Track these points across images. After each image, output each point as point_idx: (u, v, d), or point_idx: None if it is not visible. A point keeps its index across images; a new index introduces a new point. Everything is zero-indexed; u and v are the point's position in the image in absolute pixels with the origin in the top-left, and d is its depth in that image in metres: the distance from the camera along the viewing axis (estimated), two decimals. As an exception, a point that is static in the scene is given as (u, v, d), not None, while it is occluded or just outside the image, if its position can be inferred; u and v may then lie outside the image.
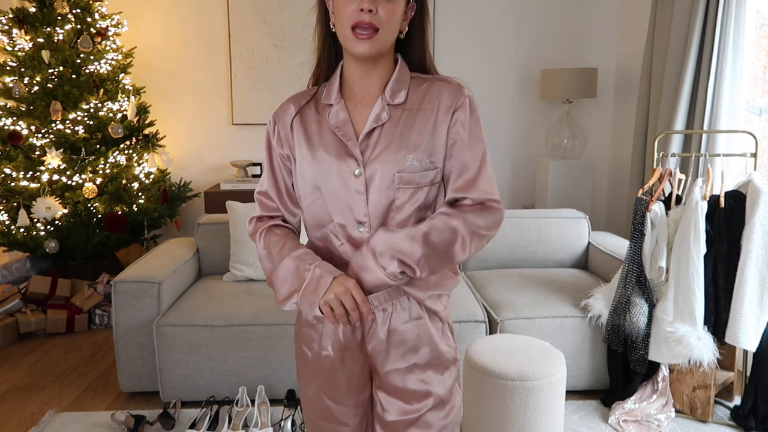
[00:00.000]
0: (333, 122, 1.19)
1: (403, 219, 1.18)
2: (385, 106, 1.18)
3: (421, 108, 1.18)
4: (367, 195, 1.17)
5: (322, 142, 1.19)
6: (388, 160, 1.15)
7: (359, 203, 1.17)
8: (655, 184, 2.57)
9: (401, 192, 1.16)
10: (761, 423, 2.38)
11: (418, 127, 1.17)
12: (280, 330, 2.56)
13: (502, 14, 4.30)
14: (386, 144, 1.16)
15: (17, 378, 2.93)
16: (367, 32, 1.11)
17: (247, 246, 2.96)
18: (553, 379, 2.07)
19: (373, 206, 1.17)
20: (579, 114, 4.37)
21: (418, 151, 1.16)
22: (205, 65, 4.30)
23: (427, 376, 1.25)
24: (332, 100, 1.21)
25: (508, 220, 3.24)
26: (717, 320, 2.43)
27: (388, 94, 1.19)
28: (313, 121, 1.21)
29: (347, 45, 1.16)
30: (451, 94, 1.18)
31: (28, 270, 3.85)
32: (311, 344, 1.28)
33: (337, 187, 1.17)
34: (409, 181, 1.16)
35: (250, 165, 4.22)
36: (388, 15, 1.11)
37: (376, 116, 1.18)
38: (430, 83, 1.21)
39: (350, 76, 1.22)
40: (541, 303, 2.68)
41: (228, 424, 2.39)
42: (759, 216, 2.31)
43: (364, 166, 1.16)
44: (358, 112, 1.20)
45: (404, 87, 1.20)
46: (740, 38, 2.89)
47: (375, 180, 1.16)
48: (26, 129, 3.64)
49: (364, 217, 1.18)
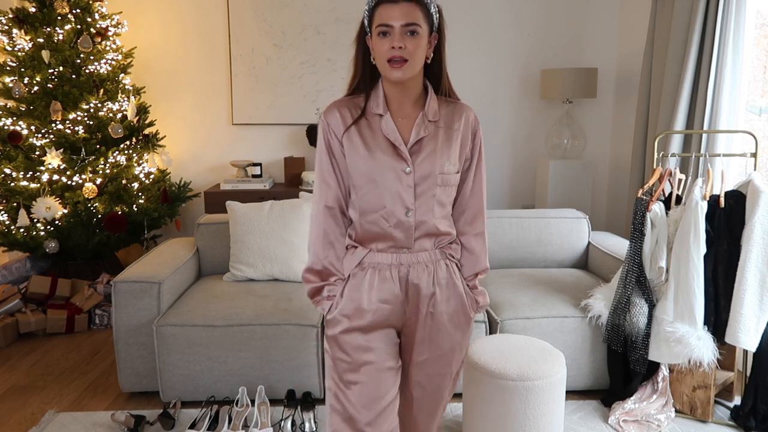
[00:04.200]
0: (385, 130, 1.51)
1: (439, 208, 1.53)
2: (425, 122, 1.52)
3: (452, 127, 1.54)
4: (414, 189, 1.49)
5: (378, 145, 1.50)
6: (434, 163, 1.50)
7: (409, 194, 1.49)
8: (655, 184, 2.57)
9: (440, 188, 1.51)
10: (761, 423, 2.38)
11: (452, 141, 1.53)
12: (280, 330, 2.56)
13: (502, 14, 4.30)
14: (430, 151, 1.50)
15: (17, 378, 2.93)
16: (398, 63, 1.44)
17: (247, 246, 2.96)
18: (553, 379, 2.07)
19: (418, 196, 1.50)
20: (579, 114, 4.37)
21: (452, 159, 1.52)
22: (205, 65, 4.31)
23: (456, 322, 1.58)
24: (381, 111, 1.52)
25: (508, 220, 3.25)
26: (717, 320, 2.43)
27: (429, 114, 1.53)
28: (366, 127, 1.52)
29: (385, 73, 1.48)
30: (471, 119, 1.58)
31: (28, 270, 3.85)
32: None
33: (391, 180, 1.49)
34: (445, 181, 1.52)
35: (250, 165, 4.21)
36: (413, 48, 1.43)
37: (420, 129, 1.51)
38: (455, 106, 1.58)
39: (388, 93, 1.54)
40: (541, 303, 2.68)
41: (228, 424, 2.39)
42: (759, 216, 2.31)
43: (413, 167, 1.49)
44: (400, 123, 1.53)
45: (435, 107, 1.55)
46: (740, 38, 2.89)
47: (423, 177, 1.49)
48: (26, 129, 3.64)
49: (411, 205, 1.50)
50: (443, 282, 1.53)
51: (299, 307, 2.67)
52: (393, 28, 1.42)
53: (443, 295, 1.53)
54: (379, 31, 1.44)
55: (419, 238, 1.51)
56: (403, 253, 1.51)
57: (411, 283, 1.51)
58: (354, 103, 1.56)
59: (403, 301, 1.52)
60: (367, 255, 1.52)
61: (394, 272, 1.51)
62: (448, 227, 1.56)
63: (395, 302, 1.52)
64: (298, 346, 2.56)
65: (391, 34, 1.43)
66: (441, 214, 1.54)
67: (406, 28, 1.43)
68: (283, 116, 4.34)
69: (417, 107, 1.54)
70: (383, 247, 1.52)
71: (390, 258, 1.51)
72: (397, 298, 1.51)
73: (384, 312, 1.51)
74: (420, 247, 1.52)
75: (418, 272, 1.51)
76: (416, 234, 1.51)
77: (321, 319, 2.61)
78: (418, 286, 1.51)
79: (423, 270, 1.52)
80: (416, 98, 1.54)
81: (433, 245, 1.54)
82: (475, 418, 2.14)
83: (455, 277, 1.56)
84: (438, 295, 1.52)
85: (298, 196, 3.19)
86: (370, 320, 1.51)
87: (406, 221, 1.50)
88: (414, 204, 1.50)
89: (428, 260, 1.53)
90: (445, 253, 1.55)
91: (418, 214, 1.50)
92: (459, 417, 2.50)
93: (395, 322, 1.54)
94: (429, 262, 1.53)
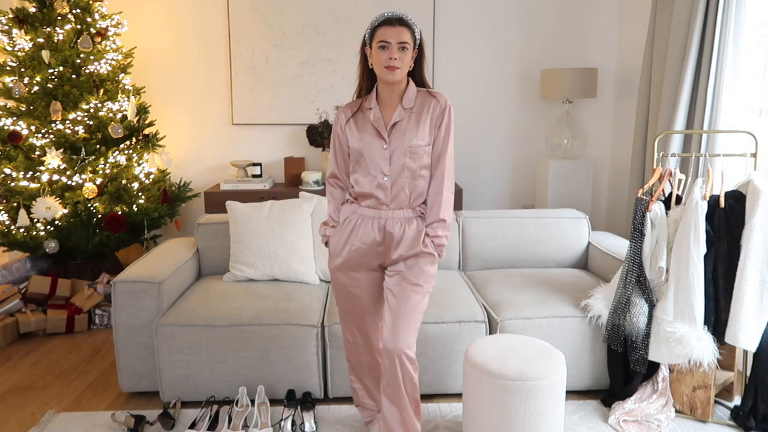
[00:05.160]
0: (372, 118, 2.05)
1: (408, 173, 2.04)
2: (401, 110, 2.04)
3: (423, 111, 2.05)
4: (390, 159, 2.04)
5: (366, 129, 2.06)
6: (404, 140, 2.03)
7: (385, 164, 2.04)
8: (655, 184, 2.57)
9: (408, 158, 2.03)
10: (761, 423, 2.38)
11: (422, 123, 2.04)
12: (280, 330, 2.56)
13: (502, 14, 4.30)
14: (402, 131, 2.03)
15: (17, 378, 2.93)
16: (393, 68, 1.96)
17: (247, 246, 2.96)
18: (553, 379, 2.07)
19: (393, 165, 2.04)
20: (579, 114, 4.37)
21: (420, 137, 2.03)
22: (205, 65, 4.31)
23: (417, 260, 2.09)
24: (371, 106, 2.07)
25: (508, 220, 3.25)
26: (717, 320, 2.43)
27: (404, 103, 2.04)
28: (361, 118, 2.08)
29: (382, 75, 2.00)
30: (441, 102, 2.06)
31: (28, 270, 3.85)
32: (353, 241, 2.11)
33: (374, 154, 2.04)
34: (413, 153, 2.03)
35: (250, 165, 4.22)
36: (403, 60, 1.98)
37: (396, 115, 2.04)
38: (428, 95, 2.08)
39: (381, 92, 2.07)
40: (541, 303, 2.68)
41: (228, 424, 2.39)
42: (759, 216, 2.31)
43: (389, 144, 2.03)
44: (386, 112, 2.07)
45: (413, 97, 2.06)
46: (740, 38, 2.89)
47: (395, 151, 2.03)
48: (26, 129, 3.64)
49: (387, 171, 2.04)
50: (412, 233, 2.05)
51: (299, 307, 2.67)
52: (390, 44, 1.95)
53: (410, 241, 2.04)
54: (380, 45, 1.96)
55: (396, 197, 2.05)
56: (382, 210, 2.06)
57: (387, 231, 2.05)
58: (356, 104, 2.13)
59: (381, 244, 2.07)
60: (359, 209, 2.09)
61: (375, 222, 2.06)
62: (421, 190, 2.07)
63: (372, 244, 2.07)
64: (298, 346, 2.56)
65: (389, 48, 1.95)
66: (411, 177, 2.04)
67: (399, 45, 1.95)
68: (283, 116, 4.34)
69: (400, 99, 2.05)
70: (369, 203, 2.08)
71: (373, 212, 2.07)
72: (374, 242, 2.06)
73: (362, 250, 2.08)
74: (397, 206, 2.05)
75: (392, 224, 2.05)
76: (392, 194, 2.05)
77: (321, 319, 2.62)
78: (392, 234, 2.05)
79: (397, 222, 2.05)
80: (401, 94, 2.06)
81: (408, 205, 2.06)
82: (475, 418, 2.14)
83: (423, 230, 2.06)
84: (404, 241, 2.04)
85: (298, 196, 3.18)
86: (349, 253, 2.09)
87: (383, 183, 2.04)
88: (389, 170, 2.03)
89: (402, 217, 2.06)
90: (417, 211, 2.08)
91: (392, 178, 2.04)
92: (459, 417, 2.51)
93: (373, 260, 2.10)
94: (403, 218, 2.06)
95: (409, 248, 2.04)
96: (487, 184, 4.51)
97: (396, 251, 2.06)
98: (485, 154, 4.47)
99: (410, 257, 2.05)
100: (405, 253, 2.05)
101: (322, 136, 4.15)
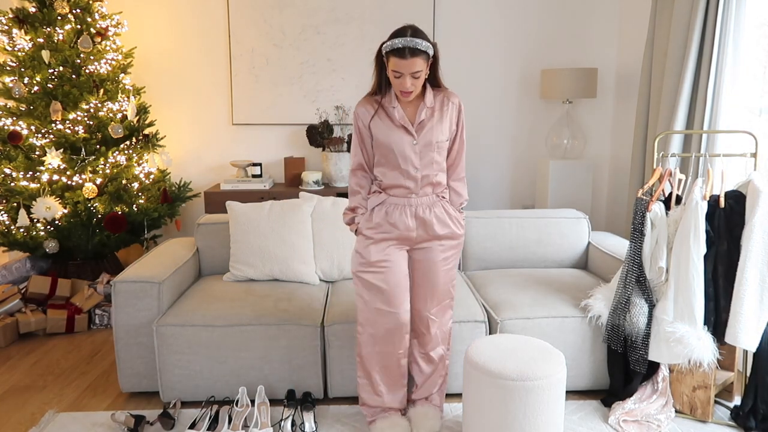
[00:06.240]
0: (398, 117, 2.23)
1: (435, 166, 2.27)
2: (426, 108, 2.24)
3: (443, 110, 2.27)
4: (420, 154, 2.24)
5: (393, 127, 2.23)
6: (432, 136, 2.24)
7: (416, 158, 2.24)
8: (655, 184, 2.57)
9: (435, 153, 2.26)
10: (761, 423, 2.38)
11: (443, 120, 2.26)
12: (280, 330, 2.56)
13: (502, 14, 4.30)
14: (428, 128, 2.24)
15: (17, 378, 2.93)
16: (407, 94, 2.17)
17: (247, 246, 2.96)
18: (553, 379, 2.07)
19: (421, 158, 2.24)
20: (579, 114, 4.37)
21: (443, 132, 2.26)
22: (205, 65, 4.31)
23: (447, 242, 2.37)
24: (394, 105, 2.23)
25: (508, 220, 3.25)
26: (717, 320, 2.43)
27: (427, 102, 2.24)
28: (385, 116, 2.25)
29: (398, 95, 2.21)
30: (456, 102, 2.31)
31: (28, 270, 3.85)
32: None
33: (404, 150, 2.23)
34: (439, 147, 2.26)
35: (250, 165, 4.21)
36: (415, 84, 2.15)
37: (421, 114, 2.23)
38: (445, 94, 2.29)
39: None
40: (541, 303, 2.68)
41: (228, 424, 2.39)
42: (759, 216, 2.31)
43: (418, 140, 2.23)
44: (408, 111, 2.26)
45: (431, 98, 2.26)
46: (740, 38, 2.89)
47: (424, 146, 2.24)
48: (26, 129, 3.64)
49: (418, 164, 2.24)
50: (439, 215, 2.29)
51: (299, 307, 2.67)
52: (404, 75, 2.11)
53: (439, 224, 2.29)
54: (394, 75, 2.13)
55: (423, 186, 2.27)
56: (412, 197, 2.27)
57: (419, 216, 2.27)
58: (374, 100, 2.28)
59: (414, 229, 2.27)
60: (388, 198, 2.29)
61: (407, 209, 2.27)
62: (442, 179, 2.31)
63: (404, 229, 2.27)
64: (298, 346, 2.56)
65: (402, 77, 2.12)
66: (437, 169, 2.28)
67: (412, 74, 2.11)
68: (283, 116, 4.34)
69: (418, 99, 2.25)
70: (399, 192, 2.27)
71: (404, 201, 2.27)
72: (408, 227, 2.27)
73: (392, 233, 2.27)
74: (424, 193, 2.28)
75: (423, 209, 2.28)
76: (421, 184, 2.26)
77: (321, 319, 2.62)
78: (423, 218, 2.27)
79: (426, 208, 2.28)
80: (418, 94, 2.24)
81: (432, 191, 2.29)
82: (475, 418, 2.14)
83: (446, 210, 2.31)
84: (435, 224, 2.28)
85: (298, 196, 3.18)
86: (381, 235, 2.27)
87: (415, 175, 2.25)
88: (419, 164, 2.24)
89: (429, 202, 2.29)
90: (440, 196, 2.31)
91: (422, 170, 2.25)
92: (459, 417, 2.51)
93: (404, 243, 2.30)
94: (429, 203, 2.29)
95: (441, 228, 2.29)
96: (487, 184, 4.51)
97: (428, 232, 2.29)
98: (485, 154, 4.47)
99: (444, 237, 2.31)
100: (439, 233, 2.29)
101: (322, 136, 4.15)
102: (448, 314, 2.44)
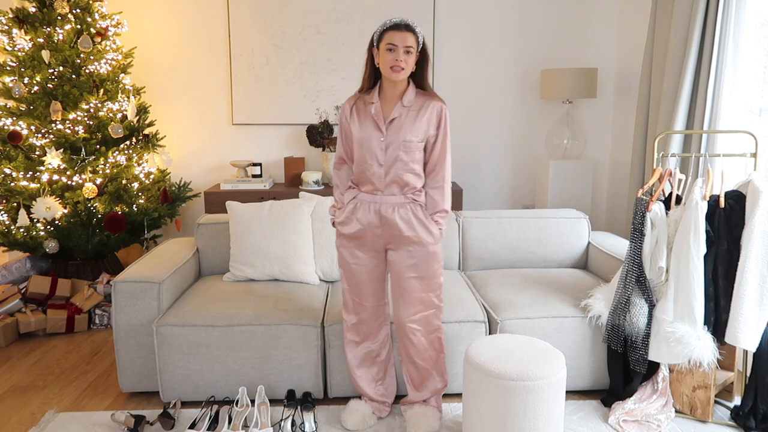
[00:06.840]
0: (373, 112, 2.27)
1: (400, 164, 2.25)
2: (400, 107, 2.26)
3: (420, 110, 2.27)
4: (385, 151, 2.25)
5: (366, 121, 2.28)
6: (399, 134, 2.24)
7: (381, 153, 2.26)
8: (655, 184, 2.57)
9: (402, 152, 2.24)
10: (761, 423, 2.38)
11: (418, 121, 2.25)
12: (280, 330, 2.56)
13: (502, 14, 4.30)
14: (398, 126, 2.25)
15: (17, 378, 2.93)
16: (398, 69, 2.18)
17: (247, 246, 2.96)
18: (553, 379, 2.07)
19: (387, 156, 2.25)
20: (579, 114, 4.37)
21: (414, 133, 2.25)
22: (205, 65, 4.31)
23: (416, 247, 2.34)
24: (374, 101, 2.28)
25: (508, 220, 3.25)
26: (717, 320, 2.43)
27: (404, 101, 2.26)
28: (362, 111, 2.30)
29: (387, 75, 2.21)
30: (437, 108, 2.28)
31: (28, 270, 3.85)
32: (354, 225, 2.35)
33: (371, 145, 2.26)
34: (407, 147, 2.24)
35: (250, 165, 4.21)
36: (407, 61, 2.18)
37: (394, 111, 2.25)
38: (428, 97, 2.29)
39: (385, 89, 2.29)
40: (541, 303, 2.68)
41: (228, 424, 2.39)
42: (759, 216, 2.31)
43: (386, 136, 2.25)
44: (386, 108, 2.28)
45: (412, 97, 2.27)
46: (740, 38, 2.88)
47: (390, 144, 2.25)
48: (26, 129, 3.64)
49: (382, 161, 2.26)
50: (404, 216, 2.27)
51: (299, 307, 2.67)
52: (397, 47, 2.16)
53: (404, 225, 2.27)
54: (387, 48, 2.17)
55: (389, 185, 2.27)
56: (377, 195, 2.28)
57: (381, 214, 2.28)
58: (360, 97, 2.34)
59: (378, 226, 2.29)
60: (359, 194, 2.33)
61: (371, 206, 2.29)
62: (413, 181, 2.28)
63: (367, 225, 2.30)
64: (298, 346, 2.56)
65: (395, 50, 2.16)
66: (405, 169, 2.25)
67: (405, 48, 2.16)
68: (283, 116, 4.34)
69: (400, 97, 2.27)
70: (367, 189, 2.30)
71: (370, 197, 2.30)
72: (371, 224, 2.30)
73: (362, 231, 2.31)
74: (390, 192, 2.27)
75: (386, 208, 2.28)
76: (386, 182, 2.26)
77: (321, 319, 2.62)
78: (386, 217, 2.28)
79: (389, 207, 2.28)
80: (401, 93, 2.27)
81: (400, 191, 2.28)
82: (475, 418, 2.14)
83: (415, 214, 2.28)
84: (399, 224, 2.27)
85: (298, 196, 3.18)
86: (352, 231, 2.33)
87: (378, 171, 2.26)
88: (383, 160, 2.25)
89: (396, 202, 2.28)
90: (410, 198, 2.28)
91: (386, 167, 2.25)
92: (459, 417, 2.51)
93: (374, 241, 2.33)
94: (396, 204, 2.28)
95: (406, 229, 2.28)
96: (487, 184, 4.51)
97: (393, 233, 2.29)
98: (485, 154, 4.47)
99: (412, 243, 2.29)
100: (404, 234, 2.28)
101: (322, 136, 4.15)
102: (434, 324, 2.41)
